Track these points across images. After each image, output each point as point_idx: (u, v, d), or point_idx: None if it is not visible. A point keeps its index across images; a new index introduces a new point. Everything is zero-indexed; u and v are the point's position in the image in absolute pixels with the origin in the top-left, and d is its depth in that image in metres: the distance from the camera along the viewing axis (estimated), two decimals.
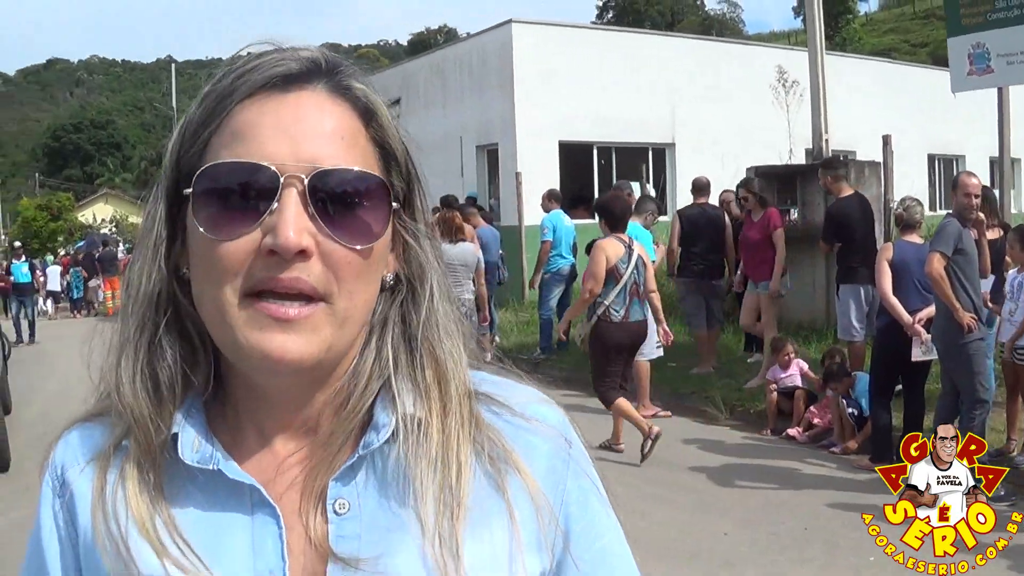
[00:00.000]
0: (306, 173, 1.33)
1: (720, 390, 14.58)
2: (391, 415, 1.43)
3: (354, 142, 1.40)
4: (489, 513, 1.42)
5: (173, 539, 1.37)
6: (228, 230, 1.33)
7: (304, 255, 1.32)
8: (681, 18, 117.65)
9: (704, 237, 16.15)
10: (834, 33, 72.14)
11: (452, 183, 27.71)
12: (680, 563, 8.56)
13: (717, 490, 10.66)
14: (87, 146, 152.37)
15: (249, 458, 1.45)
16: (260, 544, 1.39)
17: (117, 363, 1.46)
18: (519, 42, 27.91)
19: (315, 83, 1.41)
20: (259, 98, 1.38)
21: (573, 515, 1.49)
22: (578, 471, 1.53)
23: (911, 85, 34.53)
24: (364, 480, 1.43)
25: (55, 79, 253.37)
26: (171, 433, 1.41)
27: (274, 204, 1.32)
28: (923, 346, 10.79)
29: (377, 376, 1.47)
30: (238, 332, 1.33)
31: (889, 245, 11.36)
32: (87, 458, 1.48)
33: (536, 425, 1.51)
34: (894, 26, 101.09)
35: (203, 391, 1.46)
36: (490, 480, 1.44)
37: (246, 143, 1.35)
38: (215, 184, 1.35)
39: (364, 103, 1.44)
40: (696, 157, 27.83)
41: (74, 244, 61.70)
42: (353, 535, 1.39)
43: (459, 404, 1.46)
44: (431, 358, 1.48)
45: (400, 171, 1.48)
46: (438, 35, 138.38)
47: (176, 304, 1.45)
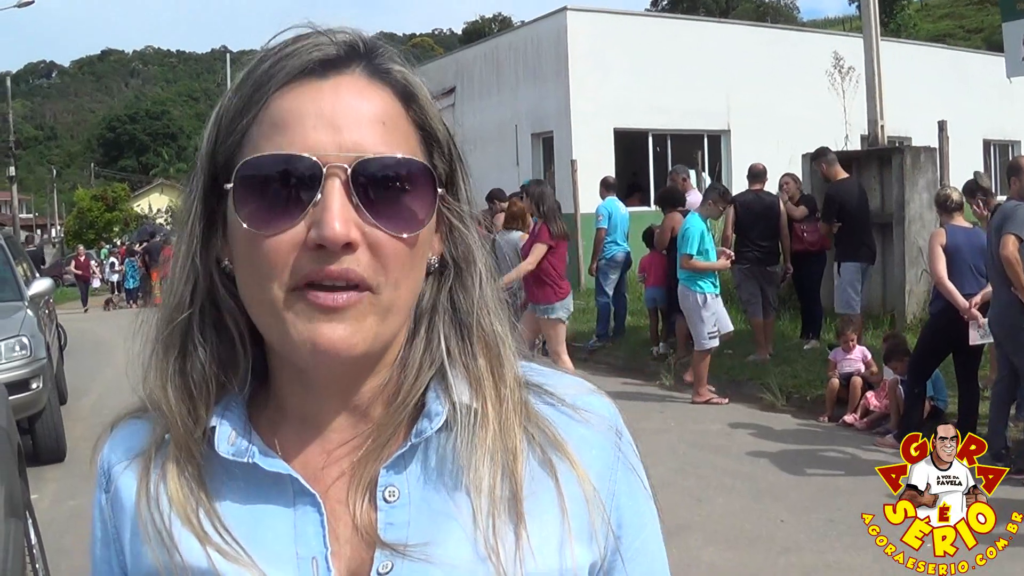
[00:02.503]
0: (349, 163, 1.30)
1: (777, 377, 14.51)
2: (444, 404, 1.41)
3: (395, 127, 1.37)
4: (541, 502, 1.40)
5: (215, 527, 1.38)
6: (272, 224, 1.31)
7: (351, 247, 1.29)
8: (736, 5, 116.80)
9: (759, 224, 16.09)
10: (889, 19, 71.50)
11: (507, 172, 27.72)
12: (738, 549, 8.58)
13: (774, 476, 10.64)
14: (142, 136, 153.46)
15: (295, 449, 1.44)
16: (302, 532, 1.38)
17: (153, 358, 1.46)
18: (573, 29, 27.89)
19: (353, 67, 1.38)
20: (297, 85, 1.35)
21: (623, 506, 1.48)
22: (627, 464, 1.50)
23: (966, 71, 34.27)
24: (416, 468, 1.41)
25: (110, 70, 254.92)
26: (209, 427, 1.41)
27: (318, 196, 1.29)
28: (980, 330, 10.72)
29: (429, 365, 1.44)
30: (288, 325, 1.31)
31: (941, 231, 11.26)
32: (132, 454, 1.49)
33: (587, 416, 1.48)
34: (949, 11, 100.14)
35: (243, 385, 1.45)
36: (542, 468, 1.41)
37: (287, 133, 1.32)
38: (256, 177, 1.33)
39: (404, 85, 1.41)
40: (751, 144, 27.61)
41: (130, 234, 61.95)
42: (402, 523, 1.38)
43: (512, 392, 1.44)
44: (483, 344, 1.46)
45: (443, 152, 1.46)
46: (492, 23, 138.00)
47: (215, 299, 1.44)
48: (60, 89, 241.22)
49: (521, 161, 29.94)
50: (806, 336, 16.90)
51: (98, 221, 71.81)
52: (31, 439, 12.17)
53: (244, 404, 1.45)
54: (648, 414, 13.42)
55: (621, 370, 16.85)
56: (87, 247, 52.38)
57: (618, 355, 17.91)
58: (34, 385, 11.93)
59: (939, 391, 12.00)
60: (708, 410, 13.94)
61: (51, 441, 12.48)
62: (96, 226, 71.31)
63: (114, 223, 71.91)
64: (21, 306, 13.39)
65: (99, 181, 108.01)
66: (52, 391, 12.84)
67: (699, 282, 14.19)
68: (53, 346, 15.25)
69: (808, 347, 16.12)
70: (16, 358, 11.96)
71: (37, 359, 12.22)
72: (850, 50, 22.00)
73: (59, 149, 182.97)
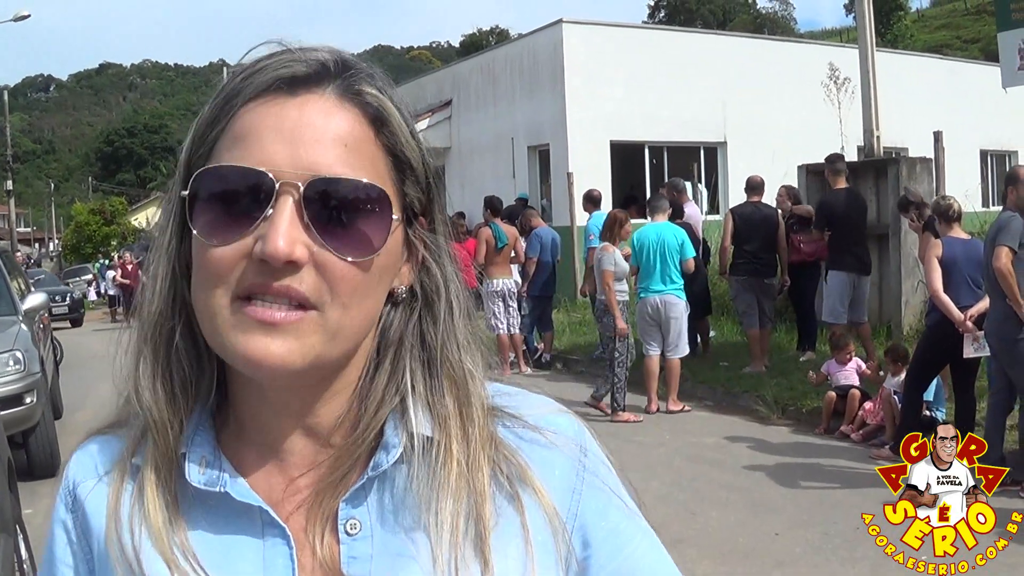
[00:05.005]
0: (303, 181, 1.29)
1: (772, 389, 14.50)
2: (401, 436, 1.40)
3: (359, 150, 1.35)
4: (505, 538, 1.38)
5: (184, 555, 1.36)
6: (222, 235, 1.30)
7: (294, 265, 1.28)
8: (733, 17, 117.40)
9: (757, 235, 16.14)
10: (886, 30, 71.84)
11: (504, 184, 27.77)
12: (733, 563, 8.58)
13: (769, 490, 10.62)
14: (140, 150, 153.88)
15: (258, 476, 1.43)
16: (271, 565, 1.37)
17: (135, 367, 1.45)
18: (570, 42, 27.88)
19: (325, 86, 1.36)
20: (264, 100, 1.34)
21: (590, 526, 1.45)
22: (594, 481, 1.47)
23: (962, 81, 34.25)
24: (376, 501, 1.40)
25: (108, 84, 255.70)
26: (179, 453, 1.40)
27: (268, 211, 1.28)
28: (975, 343, 10.69)
29: (391, 398, 1.43)
30: (225, 335, 1.31)
31: (938, 242, 11.22)
32: (101, 472, 1.47)
33: (552, 436, 1.47)
34: (946, 22, 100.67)
35: (207, 398, 1.45)
36: (509, 503, 1.40)
37: (246, 147, 1.31)
38: (211, 187, 1.33)
39: (375, 108, 1.38)
40: (747, 155, 27.63)
41: (129, 247, 61.92)
42: (365, 556, 1.37)
43: (480, 430, 1.43)
44: (450, 381, 1.45)
45: (417, 181, 1.43)
46: (490, 36, 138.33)
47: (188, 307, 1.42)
48: (58, 103, 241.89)
49: (517, 173, 29.94)
50: (802, 348, 16.90)
51: (96, 235, 71.84)
52: (25, 454, 12.18)
53: (211, 421, 1.44)
54: (644, 427, 13.41)
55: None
56: (83, 261, 51.84)
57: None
58: (28, 400, 11.94)
59: (938, 400, 11.99)
60: (703, 423, 13.93)
61: (45, 456, 12.45)
62: (94, 240, 71.37)
63: (112, 237, 71.90)
64: (15, 320, 13.40)
65: (97, 195, 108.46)
66: (46, 405, 12.84)
67: (683, 291, 14.49)
68: (48, 360, 15.26)
69: (804, 359, 16.11)
70: (10, 373, 11.97)
71: (31, 374, 12.22)
72: (846, 61, 22.03)
73: (57, 163, 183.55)
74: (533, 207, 23.54)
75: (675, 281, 14.44)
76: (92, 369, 21.06)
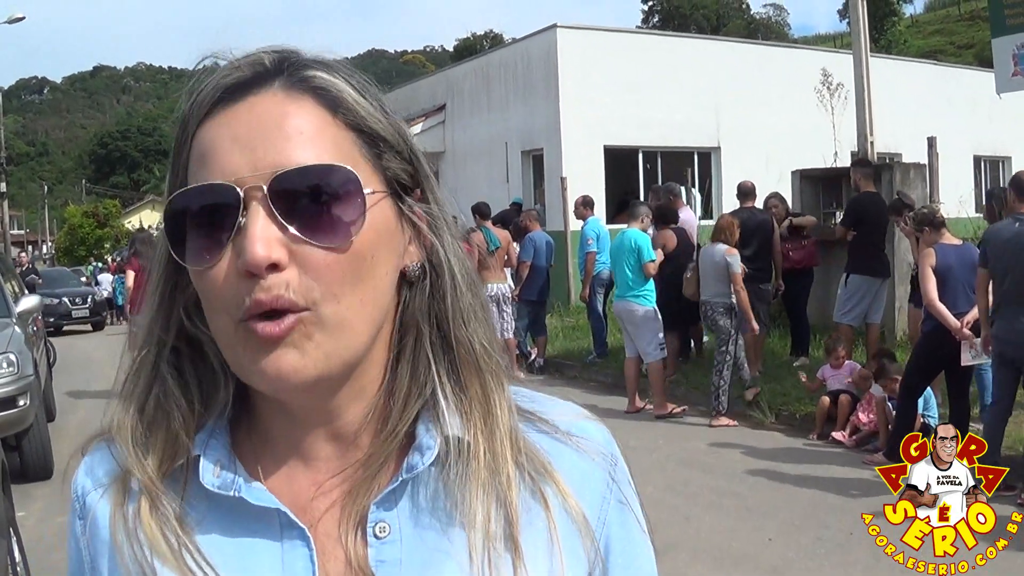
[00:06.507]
0: (265, 181, 1.26)
1: (766, 394, 14.53)
2: (436, 437, 1.37)
3: (319, 135, 1.31)
4: (534, 534, 1.37)
5: (197, 561, 1.33)
6: (206, 257, 1.28)
7: (277, 267, 1.25)
8: (726, 22, 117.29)
9: (752, 241, 16.10)
10: (879, 35, 71.75)
11: (497, 188, 27.82)
12: (726, 568, 8.58)
13: (762, 494, 10.62)
14: (134, 153, 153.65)
15: (281, 479, 1.40)
16: (290, 567, 1.34)
17: (132, 387, 1.44)
18: (564, 47, 27.93)
19: (269, 84, 1.33)
20: (215, 114, 1.32)
21: (614, 537, 1.45)
22: (620, 493, 1.47)
23: (956, 87, 34.31)
24: (408, 503, 1.37)
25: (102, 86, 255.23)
26: (193, 455, 1.38)
27: (240, 220, 1.25)
28: (973, 350, 10.69)
29: (418, 394, 1.40)
30: (239, 357, 1.29)
31: (931, 251, 11.14)
32: (108, 479, 1.46)
33: (581, 443, 1.45)
34: (939, 28, 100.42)
35: (222, 413, 1.42)
36: (534, 499, 1.39)
37: (208, 164, 1.29)
38: (182, 213, 1.30)
39: (324, 90, 1.34)
40: (741, 161, 27.77)
41: (120, 251, 61.77)
42: (394, 559, 1.34)
43: (503, 422, 1.40)
44: (473, 369, 1.41)
45: (397, 152, 1.39)
46: (484, 40, 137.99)
47: (187, 332, 1.41)
48: (52, 105, 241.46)
49: (511, 178, 30.00)
50: (795, 353, 16.91)
51: (89, 238, 71.91)
52: (18, 456, 12.17)
53: (227, 432, 1.42)
54: (637, 432, 13.40)
55: (611, 388, 16.83)
56: (77, 264, 51.49)
57: (607, 373, 17.88)
58: (21, 402, 11.90)
59: (929, 407, 11.96)
60: (696, 428, 13.94)
61: (38, 458, 12.43)
62: (87, 242, 71.36)
63: (105, 239, 71.88)
64: (9, 323, 13.38)
65: (90, 197, 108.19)
66: (40, 408, 12.82)
67: (648, 296, 14.52)
68: (41, 363, 15.21)
69: (797, 364, 16.11)
70: (3, 375, 11.94)
71: (25, 376, 12.19)
72: (840, 67, 22.03)
73: (50, 165, 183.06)
74: (533, 209, 23.61)
75: (632, 287, 14.54)
76: (85, 372, 21.09)
